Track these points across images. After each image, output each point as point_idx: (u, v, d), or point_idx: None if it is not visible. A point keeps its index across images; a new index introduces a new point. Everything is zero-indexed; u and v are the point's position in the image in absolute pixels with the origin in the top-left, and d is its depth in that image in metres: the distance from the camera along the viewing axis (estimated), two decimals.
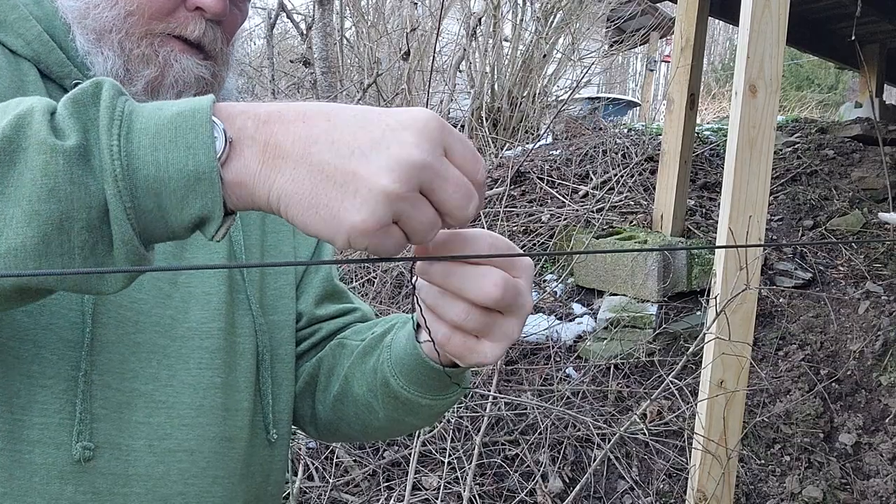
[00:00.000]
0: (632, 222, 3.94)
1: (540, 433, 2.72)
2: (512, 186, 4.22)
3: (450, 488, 2.46)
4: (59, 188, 0.44)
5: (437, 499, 2.37)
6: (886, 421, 2.94)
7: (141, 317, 0.70)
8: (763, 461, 2.88)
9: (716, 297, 2.11)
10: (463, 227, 0.51)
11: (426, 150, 0.45)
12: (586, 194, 4.26)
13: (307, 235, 0.47)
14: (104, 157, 0.45)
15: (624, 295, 3.50)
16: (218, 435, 0.73)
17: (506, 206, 4.03)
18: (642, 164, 4.45)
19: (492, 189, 4.26)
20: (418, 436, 2.38)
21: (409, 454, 2.40)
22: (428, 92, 5.09)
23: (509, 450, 2.73)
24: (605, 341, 3.27)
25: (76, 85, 0.70)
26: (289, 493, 2.15)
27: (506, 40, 6.27)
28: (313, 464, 2.50)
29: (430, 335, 0.59)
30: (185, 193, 0.45)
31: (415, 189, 0.45)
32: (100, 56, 0.71)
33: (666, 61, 11.65)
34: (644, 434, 2.68)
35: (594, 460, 2.32)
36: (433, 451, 2.58)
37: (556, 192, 4.29)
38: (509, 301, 0.55)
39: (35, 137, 0.44)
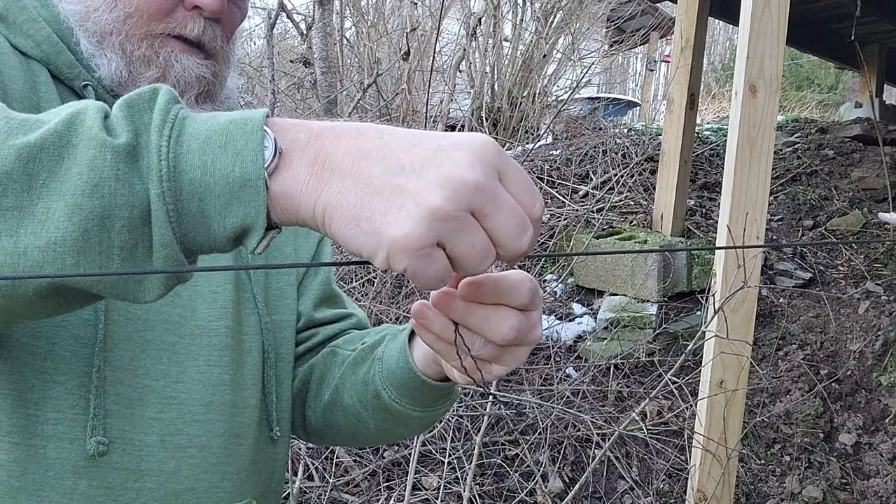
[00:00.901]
0: (632, 222, 3.94)
1: (540, 433, 2.72)
2: None
3: (450, 488, 2.46)
4: (103, 184, 0.44)
5: (437, 499, 2.37)
6: (886, 421, 2.94)
7: (150, 314, 0.70)
8: (763, 461, 2.88)
9: (715, 296, 2.11)
10: (513, 262, 0.48)
11: (480, 172, 0.44)
12: (586, 194, 4.26)
13: (349, 251, 0.46)
14: (152, 157, 0.44)
15: (624, 295, 3.50)
16: (227, 431, 0.74)
17: None
18: (642, 164, 4.45)
19: None
20: (418, 436, 2.38)
21: (409, 454, 2.40)
22: (428, 92, 5.09)
23: (509, 450, 2.73)
24: (605, 341, 3.27)
25: (86, 86, 0.72)
26: (289, 493, 2.15)
27: (506, 40, 6.27)
28: (313, 464, 2.50)
29: (457, 358, 0.61)
30: (229, 200, 0.45)
31: (465, 209, 0.43)
32: (103, 58, 0.72)
33: (666, 61, 11.65)
34: (644, 434, 2.68)
35: (594, 460, 2.32)
36: (433, 451, 2.58)
37: (556, 192, 4.29)
38: (522, 337, 0.58)
39: (86, 134, 0.44)
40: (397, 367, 0.73)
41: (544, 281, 3.77)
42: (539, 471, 2.61)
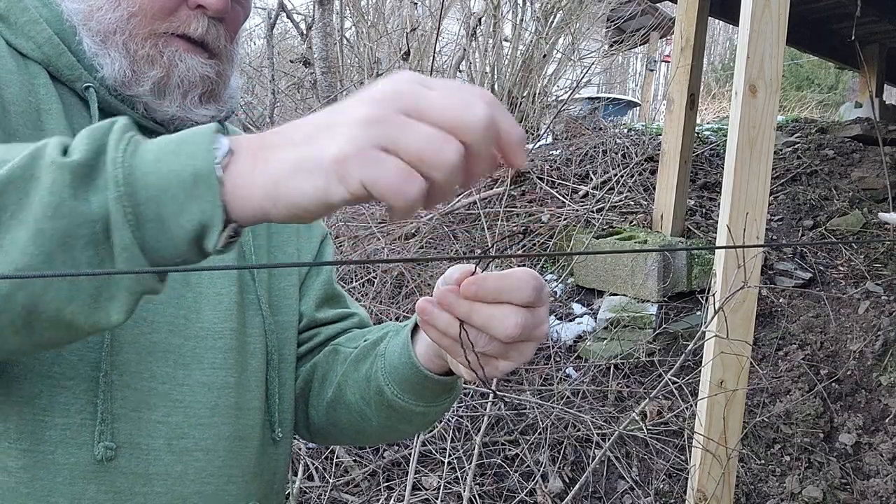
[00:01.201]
0: (632, 222, 3.94)
1: (540, 433, 2.72)
2: (512, 186, 4.22)
3: (450, 488, 2.46)
4: (63, 204, 0.45)
5: (437, 499, 2.37)
6: (886, 421, 2.94)
7: (155, 316, 0.71)
8: (763, 461, 2.88)
9: (714, 296, 2.11)
10: (496, 143, 0.46)
11: (401, 82, 0.45)
12: (586, 194, 4.26)
13: (308, 212, 0.46)
14: (108, 167, 0.46)
15: (624, 295, 3.50)
16: (232, 434, 0.74)
17: (506, 206, 4.03)
18: (642, 164, 4.45)
19: (492, 189, 4.26)
20: (418, 436, 2.38)
21: (409, 454, 2.40)
22: None
23: (509, 450, 2.73)
24: (605, 341, 3.27)
25: (87, 88, 0.72)
26: (289, 493, 2.15)
27: (506, 40, 6.27)
28: (313, 464, 2.50)
29: (462, 355, 0.61)
30: (185, 198, 0.46)
31: (395, 111, 0.43)
32: (107, 58, 0.72)
33: (666, 61, 11.65)
34: (644, 434, 2.68)
35: (594, 460, 2.32)
36: (433, 451, 2.58)
37: (556, 192, 4.29)
38: (527, 333, 0.59)
39: (47, 160, 0.46)
40: (400, 363, 0.73)
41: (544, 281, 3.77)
42: (539, 471, 2.61)
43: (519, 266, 0.65)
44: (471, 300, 0.58)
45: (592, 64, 6.18)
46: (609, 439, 2.33)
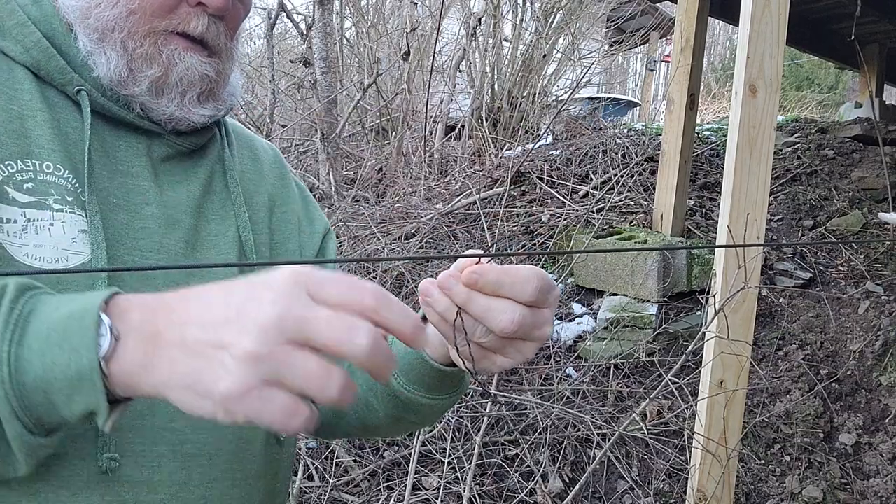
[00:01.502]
0: (632, 222, 3.93)
1: (540, 433, 2.72)
2: (512, 186, 4.22)
3: (450, 488, 2.46)
4: None
5: (437, 499, 2.37)
6: (886, 421, 2.94)
7: None
8: (763, 461, 2.88)
9: (715, 296, 2.11)
10: (376, 369, 0.48)
11: (281, 304, 0.44)
12: (586, 194, 4.26)
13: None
14: None
15: (624, 295, 3.50)
16: (235, 437, 0.74)
17: (506, 206, 4.03)
18: (642, 164, 4.45)
19: (492, 189, 4.26)
20: (418, 436, 2.38)
21: (409, 454, 2.40)
22: (428, 92, 5.10)
23: (509, 450, 2.73)
24: (605, 341, 3.27)
25: (79, 91, 0.70)
26: (289, 493, 2.15)
27: (506, 40, 6.27)
28: (313, 464, 2.50)
29: (454, 342, 0.61)
30: (70, 392, 0.47)
31: (280, 343, 0.44)
32: (103, 56, 0.71)
33: (666, 61, 11.65)
34: (644, 434, 2.68)
35: (594, 460, 2.32)
36: (433, 451, 2.58)
37: (556, 192, 4.29)
38: (527, 332, 0.59)
39: None
40: (406, 352, 0.73)
41: None
42: (539, 471, 2.61)
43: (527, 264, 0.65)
44: (470, 288, 0.58)
45: (592, 64, 6.18)
46: (609, 439, 2.33)
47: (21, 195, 0.65)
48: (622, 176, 4.16)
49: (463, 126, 5.66)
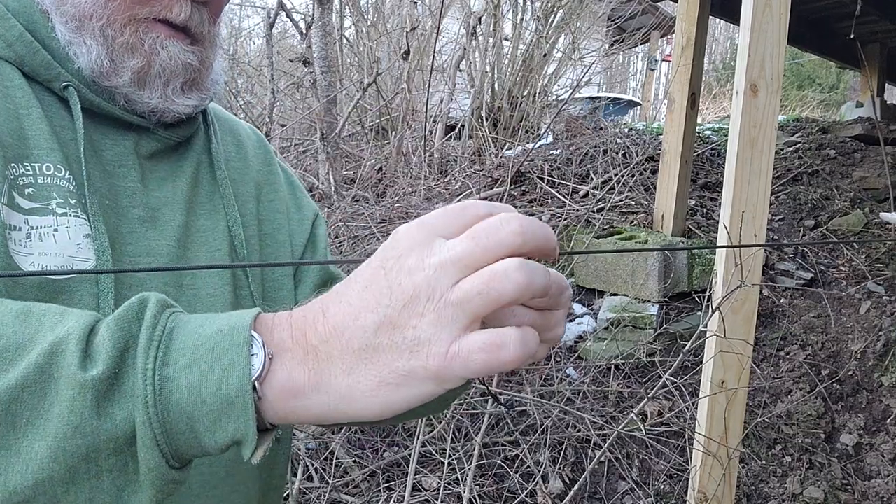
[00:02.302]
0: (632, 222, 3.93)
1: (540, 433, 2.71)
2: (512, 186, 4.22)
3: (450, 489, 2.45)
4: (84, 424, 0.42)
5: (436, 500, 2.36)
6: (888, 421, 2.93)
7: None
8: (764, 462, 2.87)
9: (715, 297, 2.10)
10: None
11: (427, 255, 0.43)
12: (587, 194, 4.25)
13: (401, 413, 0.45)
14: (137, 381, 0.43)
15: (624, 295, 3.49)
16: None
17: None
18: (643, 164, 4.44)
19: (492, 189, 4.25)
20: (418, 436, 2.37)
21: (409, 455, 2.39)
22: (428, 91, 5.09)
23: (509, 450, 2.72)
24: (605, 341, 3.26)
25: (66, 87, 0.67)
26: (288, 494, 2.14)
27: (506, 39, 6.26)
28: (312, 464, 2.49)
29: None
30: (218, 417, 0.44)
31: (448, 288, 0.42)
32: (83, 46, 0.67)
33: (667, 60, 11.63)
34: (644, 434, 2.67)
35: (594, 461, 2.31)
36: (433, 452, 2.57)
37: (557, 191, 4.28)
38: (540, 334, 0.57)
39: (66, 370, 0.43)
40: None
41: None
42: (539, 471, 2.60)
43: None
44: None
45: (593, 63, 6.17)
46: (609, 440, 2.32)
47: (24, 201, 0.62)
48: (623, 176, 4.16)
49: (463, 126, 5.65)
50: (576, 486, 2.38)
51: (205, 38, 0.74)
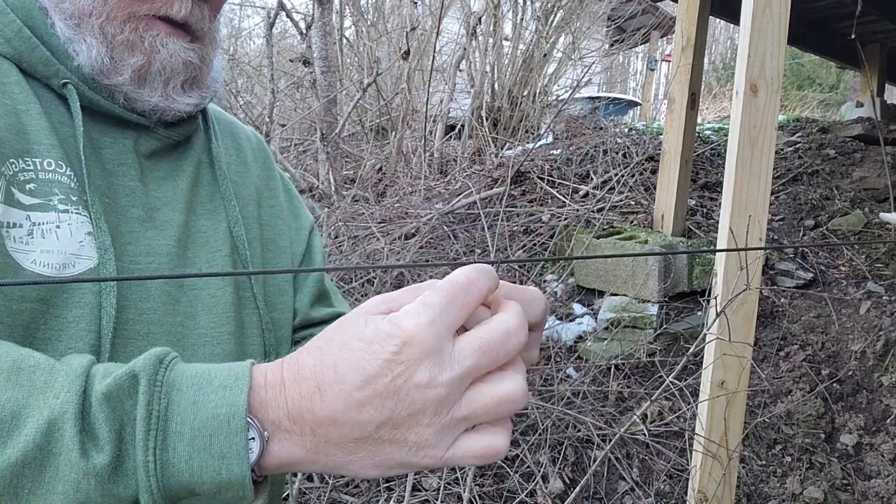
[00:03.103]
0: (632, 222, 3.92)
1: (540, 434, 2.71)
2: (512, 186, 4.21)
3: (450, 489, 2.45)
4: (90, 501, 0.44)
5: (436, 500, 2.36)
6: (888, 421, 2.93)
7: (152, 327, 0.68)
8: (764, 462, 2.87)
9: (716, 298, 2.10)
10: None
11: (438, 373, 0.44)
12: (587, 194, 4.25)
13: None
14: (139, 472, 0.44)
15: (624, 295, 3.49)
16: None
17: (506, 206, 4.02)
18: (643, 164, 4.44)
19: (492, 189, 4.25)
20: None
21: None
22: (428, 91, 5.09)
23: (509, 450, 2.72)
24: (605, 341, 3.26)
25: (65, 84, 0.66)
26: (288, 495, 2.14)
27: (506, 39, 6.26)
28: None
29: None
30: (218, 491, 0.46)
31: (458, 400, 0.45)
32: (83, 44, 0.66)
33: (667, 60, 11.64)
34: (645, 435, 2.67)
35: (595, 461, 2.31)
36: None
37: (557, 191, 4.28)
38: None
39: (67, 454, 0.43)
40: None
41: (545, 281, 3.76)
42: (539, 472, 2.60)
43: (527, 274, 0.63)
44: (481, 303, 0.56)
45: (593, 63, 6.17)
46: (610, 440, 2.32)
47: (25, 197, 0.62)
48: (623, 176, 4.16)
49: (463, 126, 5.65)
50: (577, 487, 2.38)
51: (205, 36, 0.73)
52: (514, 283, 3.72)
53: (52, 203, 0.63)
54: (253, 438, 0.45)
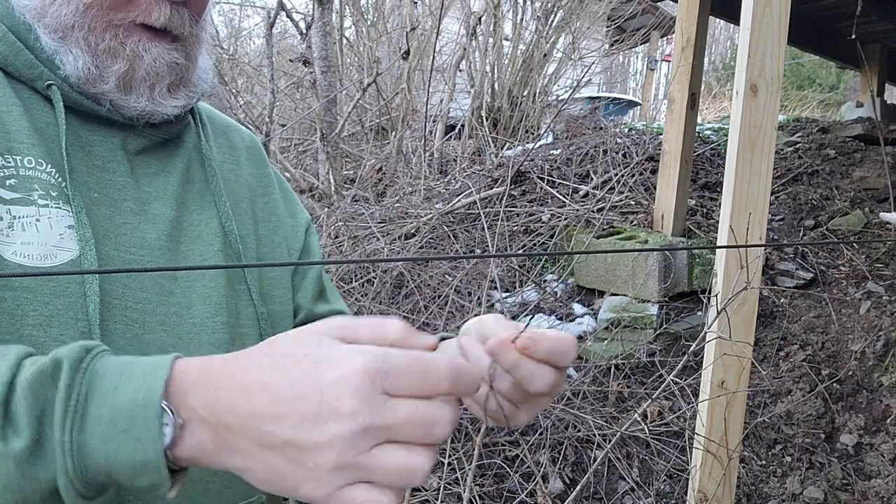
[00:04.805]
0: (632, 222, 3.92)
1: (540, 434, 2.71)
2: (512, 186, 4.21)
3: (450, 489, 2.45)
4: (11, 484, 0.46)
5: (436, 500, 2.36)
6: (888, 421, 2.93)
7: (146, 316, 0.69)
8: (764, 462, 2.87)
9: (717, 296, 2.10)
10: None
11: (362, 416, 0.44)
12: (587, 194, 4.25)
13: None
14: (56, 452, 0.46)
15: (625, 295, 3.49)
16: None
17: (506, 206, 4.02)
18: (643, 164, 4.44)
19: (492, 189, 4.25)
20: None
21: None
22: (428, 91, 5.08)
23: (509, 450, 2.72)
24: (605, 341, 3.26)
25: (49, 86, 0.68)
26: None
27: (506, 39, 6.26)
28: None
29: (484, 403, 0.62)
30: (134, 475, 0.48)
31: (366, 451, 0.45)
32: (68, 55, 0.68)
33: (667, 60, 11.63)
34: (645, 435, 2.67)
35: (595, 461, 2.31)
36: None
37: (557, 191, 4.27)
38: (552, 391, 0.59)
39: None
40: None
41: (545, 281, 3.76)
42: (539, 472, 2.60)
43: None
44: (523, 354, 0.57)
45: (593, 63, 6.17)
46: (610, 440, 2.32)
47: (5, 192, 0.64)
48: (623, 175, 4.15)
49: (463, 125, 5.65)
50: (577, 487, 2.38)
51: (187, 38, 0.74)
52: (514, 282, 3.72)
53: (32, 198, 0.65)
54: (166, 424, 0.46)
